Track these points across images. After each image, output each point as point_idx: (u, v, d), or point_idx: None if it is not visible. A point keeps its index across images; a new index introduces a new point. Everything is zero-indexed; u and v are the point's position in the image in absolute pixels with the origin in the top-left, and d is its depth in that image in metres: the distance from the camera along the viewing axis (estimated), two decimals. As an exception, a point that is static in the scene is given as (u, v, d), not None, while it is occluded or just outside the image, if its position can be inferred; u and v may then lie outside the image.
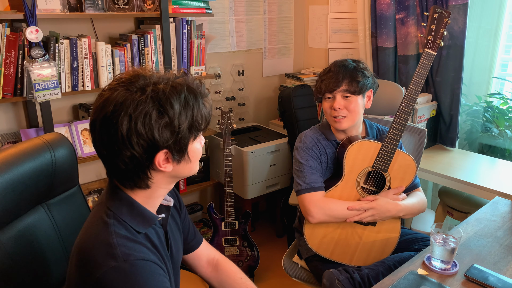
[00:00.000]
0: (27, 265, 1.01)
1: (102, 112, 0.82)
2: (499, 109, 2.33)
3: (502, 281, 1.11)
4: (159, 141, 0.82)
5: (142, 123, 0.80)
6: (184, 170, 0.91)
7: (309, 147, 1.56)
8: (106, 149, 0.84)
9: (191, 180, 2.61)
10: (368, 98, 1.56)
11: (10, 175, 0.95)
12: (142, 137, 0.81)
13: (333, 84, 1.49)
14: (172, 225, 1.06)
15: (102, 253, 0.81)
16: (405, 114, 1.45)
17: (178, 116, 0.83)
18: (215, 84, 2.81)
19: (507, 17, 2.22)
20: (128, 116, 0.80)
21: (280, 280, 2.40)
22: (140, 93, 0.81)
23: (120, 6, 2.05)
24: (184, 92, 0.84)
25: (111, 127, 0.81)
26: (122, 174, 0.87)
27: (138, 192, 0.90)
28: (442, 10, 1.40)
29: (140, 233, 0.88)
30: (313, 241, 1.53)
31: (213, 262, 1.22)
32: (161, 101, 0.81)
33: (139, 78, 0.84)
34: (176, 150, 0.86)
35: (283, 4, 3.02)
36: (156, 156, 0.84)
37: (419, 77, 1.43)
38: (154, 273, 0.82)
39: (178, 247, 1.08)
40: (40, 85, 1.81)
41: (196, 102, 0.86)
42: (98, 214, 0.88)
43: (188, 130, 0.86)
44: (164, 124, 0.82)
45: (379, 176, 1.51)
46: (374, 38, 2.50)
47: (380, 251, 1.53)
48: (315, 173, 1.53)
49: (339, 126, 1.52)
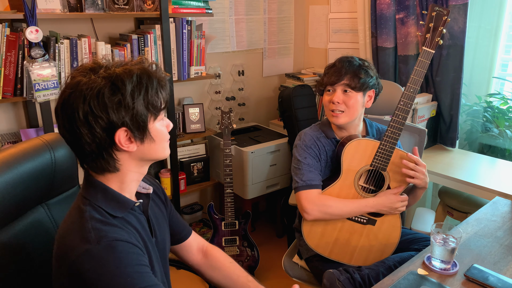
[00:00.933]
0: (27, 264, 1.01)
1: (61, 97, 0.86)
2: (499, 109, 2.33)
3: (502, 281, 1.11)
4: (114, 119, 0.84)
5: (96, 102, 0.83)
6: (150, 151, 0.93)
7: (308, 145, 1.56)
8: (69, 132, 0.86)
9: (191, 180, 2.61)
10: (369, 98, 1.56)
11: (10, 175, 0.95)
12: (98, 116, 0.83)
13: (335, 77, 1.50)
14: (157, 213, 1.08)
15: (77, 237, 0.83)
16: (403, 112, 1.45)
17: (131, 93, 0.85)
18: (215, 84, 2.81)
19: (507, 17, 2.22)
20: (82, 97, 0.83)
21: (280, 280, 2.40)
22: (94, 76, 0.85)
23: (120, 6, 2.05)
24: (137, 72, 0.87)
25: (69, 109, 0.84)
26: (88, 158, 0.89)
27: (110, 177, 0.92)
28: (440, 8, 1.39)
29: (116, 217, 0.90)
30: (311, 239, 1.53)
31: (203, 249, 1.24)
32: (113, 79, 0.84)
33: (95, 66, 0.88)
34: (135, 128, 0.87)
35: (283, 4, 3.02)
36: (116, 134, 0.86)
37: (417, 75, 1.43)
38: (127, 252, 0.84)
39: (165, 236, 1.09)
40: (40, 85, 1.81)
41: (150, 81, 0.88)
42: (76, 204, 0.91)
43: (145, 108, 0.87)
44: (117, 101, 0.84)
45: (378, 175, 1.51)
46: (374, 38, 2.50)
47: (380, 251, 1.53)
48: (313, 171, 1.53)
49: (336, 120, 1.52)
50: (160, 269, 1.00)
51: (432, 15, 1.40)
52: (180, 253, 1.23)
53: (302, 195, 1.50)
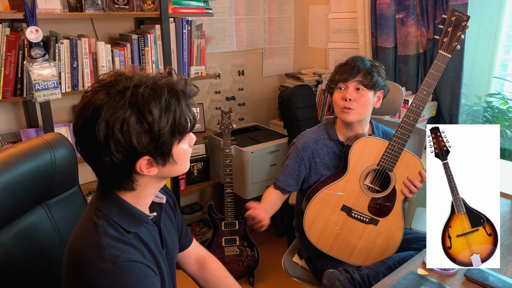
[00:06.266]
0: (27, 265, 1.01)
1: (82, 116, 0.81)
2: (499, 109, 2.33)
3: (502, 281, 1.11)
4: (138, 148, 0.80)
5: (119, 130, 0.78)
6: (171, 172, 0.90)
7: (298, 149, 1.60)
8: (87, 153, 0.83)
9: (191, 180, 2.61)
10: (378, 99, 1.58)
11: (10, 175, 0.95)
12: (120, 144, 0.79)
13: (348, 74, 1.51)
14: (167, 222, 1.06)
15: (91, 254, 0.81)
16: (414, 114, 1.45)
17: (158, 121, 0.80)
18: (215, 84, 2.81)
19: (507, 17, 2.22)
20: (105, 122, 0.78)
21: (280, 280, 2.40)
22: (119, 98, 0.79)
23: (120, 6, 2.05)
24: (165, 95, 0.81)
25: (89, 132, 0.80)
26: (106, 177, 0.86)
27: (126, 193, 0.89)
28: (461, 13, 1.38)
29: (130, 233, 0.88)
30: (312, 234, 1.53)
31: (200, 260, 1.23)
32: (140, 106, 0.79)
33: (121, 80, 0.81)
34: (158, 155, 0.83)
35: (283, 4, 3.02)
36: (137, 162, 0.82)
37: (432, 78, 1.42)
38: (142, 274, 0.82)
39: (174, 244, 1.08)
40: (40, 85, 1.81)
41: (179, 105, 0.83)
42: (89, 215, 0.88)
43: (171, 135, 0.83)
44: (143, 130, 0.79)
45: (385, 175, 1.51)
46: (374, 38, 2.50)
47: (381, 252, 1.53)
48: (287, 175, 1.62)
49: (346, 117, 1.52)
50: (168, 280, 0.99)
51: (451, 19, 1.39)
52: (178, 260, 1.22)
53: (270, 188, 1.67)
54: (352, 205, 1.51)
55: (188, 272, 1.23)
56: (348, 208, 1.51)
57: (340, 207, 1.51)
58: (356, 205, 1.51)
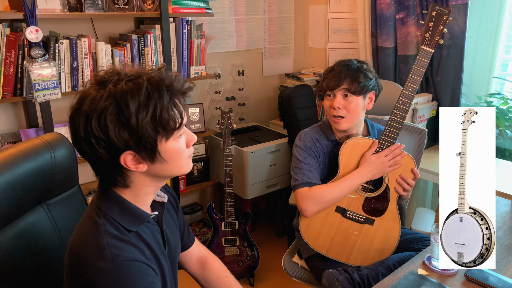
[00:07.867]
0: (27, 265, 1.01)
1: (71, 110, 0.82)
2: (499, 109, 2.33)
3: (502, 281, 1.11)
4: (117, 142, 0.78)
5: (97, 123, 0.77)
6: (164, 171, 0.87)
7: (307, 146, 1.57)
8: (76, 146, 0.83)
9: (191, 180, 2.61)
10: (370, 100, 1.56)
11: (10, 175, 0.95)
12: (99, 138, 0.78)
13: (335, 82, 1.49)
14: (169, 221, 1.05)
15: (92, 253, 0.80)
16: (401, 111, 1.45)
17: (136, 115, 0.77)
18: (215, 84, 2.81)
19: (507, 17, 2.22)
20: (85, 115, 0.78)
21: (280, 280, 2.40)
22: (102, 91, 0.78)
23: (120, 6, 2.05)
24: (144, 89, 0.78)
25: (72, 126, 0.81)
26: (98, 172, 0.86)
27: (124, 191, 0.88)
28: (441, 8, 1.39)
29: (131, 232, 0.87)
30: (308, 236, 1.53)
31: (202, 260, 1.23)
32: (118, 99, 0.77)
33: (112, 76, 0.81)
34: (141, 150, 0.81)
35: (283, 4, 3.02)
36: (121, 157, 0.81)
37: (416, 74, 1.43)
38: (143, 273, 0.82)
39: (176, 244, 1.07)
40: (40, 85, 1.81)
41: (160, 99, 0.80)
42: (89, 214, 0.88)
43: (153, 129, 0.80)
44: (120, 123, 0.77)
45: None
46: (374, 38, 2.50)
47: (379, 251, 1.53)
48: (313, 170, 1.54)
49: (338, 126, 1.53)
50: (170, 279, 0.99)
51: (432, 14, 1.40)
52: (180, 260, 1.21)
53: (298, 193, 1.51)
54: (346, 206, 1.51)
55: (189, 272, 1.23)
56: (342, 209, 1.51)
57: (334, 208, 1.51)
58: (350, 205, 1.51)
